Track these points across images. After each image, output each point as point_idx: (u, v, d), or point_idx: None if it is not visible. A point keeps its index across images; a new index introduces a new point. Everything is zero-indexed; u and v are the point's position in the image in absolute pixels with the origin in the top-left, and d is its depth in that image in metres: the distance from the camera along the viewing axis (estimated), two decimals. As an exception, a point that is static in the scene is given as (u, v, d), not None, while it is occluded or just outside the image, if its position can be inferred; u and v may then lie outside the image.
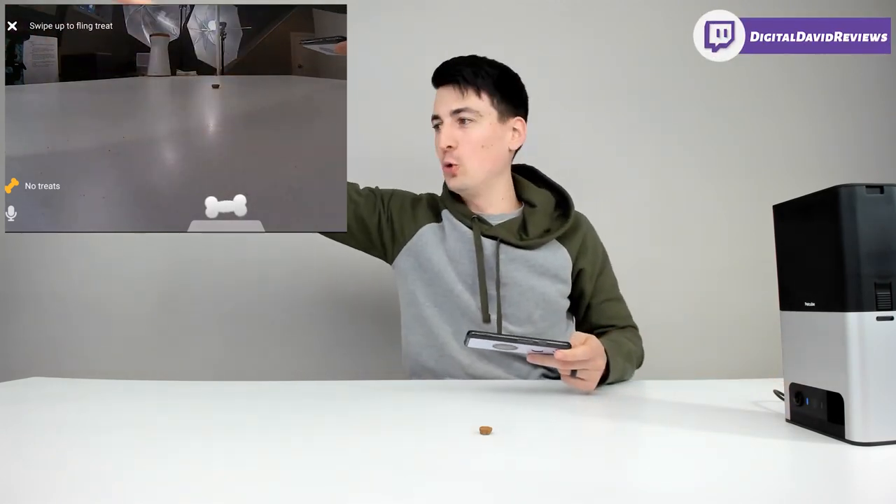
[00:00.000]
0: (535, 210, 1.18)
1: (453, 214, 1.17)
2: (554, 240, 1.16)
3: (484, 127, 1.12)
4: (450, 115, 1.12)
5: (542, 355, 0.89)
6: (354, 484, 0.52)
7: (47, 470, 0.57)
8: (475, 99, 1.11)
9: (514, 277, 1.12)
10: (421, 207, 1.22)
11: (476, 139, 1.12)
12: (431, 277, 1.15)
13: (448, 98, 1.12)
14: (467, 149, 1.12)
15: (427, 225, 1.19)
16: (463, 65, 1.13)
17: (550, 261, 1.14)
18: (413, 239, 1.18)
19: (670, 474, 0.55)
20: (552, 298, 1.14)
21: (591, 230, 1.23)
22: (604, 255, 1.23)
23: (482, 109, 1.12)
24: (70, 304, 1.67)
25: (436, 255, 1.15)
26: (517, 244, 1.13)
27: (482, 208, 1.19)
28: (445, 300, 1.14)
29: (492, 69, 1.14)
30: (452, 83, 1.12)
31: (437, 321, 1.15)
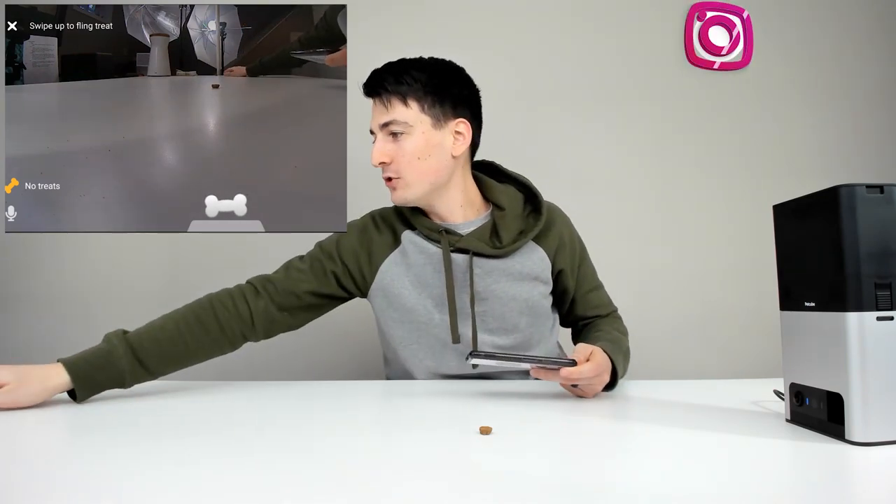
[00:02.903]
0: (504, 213, 1.09)
1: (420, 231, 1.08)
2: (530, 241, 1.09)
3: (416, 137, 1.02)
4: (380, 130, 1.03)
5: (545, 370, 0.86)
6: (354, 484, 0.52)
7: (47, 470, 0.57)
8: (402, 109, 1.02)
9: (493, 290, 1.07)
10: (373, 240, 1.11)
11: (410, 151, 1.02)
12: (403, 315, 1.09)
13: (375, 112, 1.04)
14: (403, 162, 1.03)
15: (386, 260, 1.10)
16: (386, 73, 1.03)
17: (528, 265, 1.08)
18: (377, 278, 1.10)
19: (670, 474, 0.55)
20: (536, 302, 1.09)
21: (565, 223, 1.16)
22: (581, 247, 1.17)
23: (411, 119, 1.02)
24: (70, 304, 1.67)
25: (405, 290, 1.08)
26: (491, 254, 1.06)
27: (445, 218, 1.09)
28: (422, 334, 1.08)
29: (419, 73, 1.03)
30: (376, 95, 1.03)
31: (415, 361, 1.10)
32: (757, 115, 1.78)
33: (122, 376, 0.91)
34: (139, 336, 0.95)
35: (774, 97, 1.78)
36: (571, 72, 1.76)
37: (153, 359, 0.94)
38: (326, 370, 1.68)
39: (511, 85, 1.74)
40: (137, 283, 1.68)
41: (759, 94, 1.78)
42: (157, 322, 0.99)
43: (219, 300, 1.03)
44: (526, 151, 1.72)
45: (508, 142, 1.69)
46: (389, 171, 1.04)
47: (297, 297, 1.07)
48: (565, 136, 1.75)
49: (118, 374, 0.91)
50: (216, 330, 1.01)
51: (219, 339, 1.01)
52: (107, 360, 0.91)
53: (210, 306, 1.02)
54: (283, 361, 1.64)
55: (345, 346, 1.69)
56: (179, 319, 0.99)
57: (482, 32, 1.74)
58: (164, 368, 0.97)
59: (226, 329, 1.02)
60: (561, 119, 1.75)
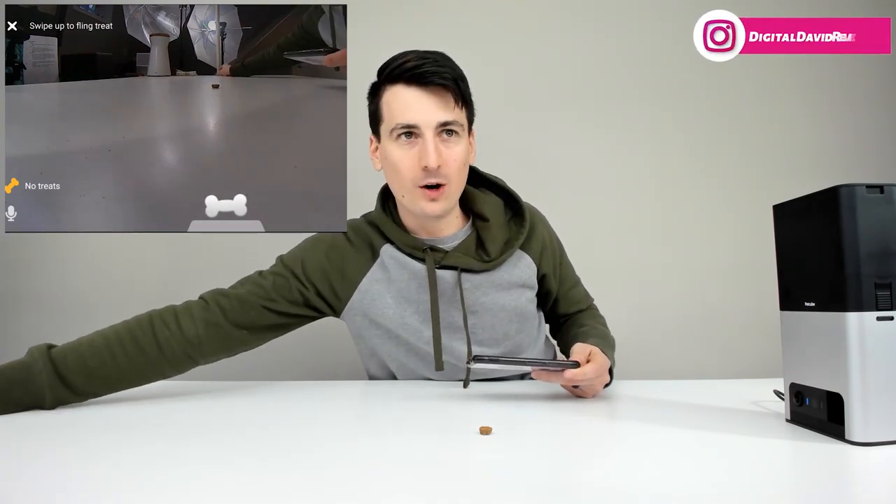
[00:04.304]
0: (488, 224, 1.03)
1: (400, 248, 1.02)
2: (517, 249, 1.05)
3: (464, 142, 0.96)
4: (433, 128, 0.92)
5: (547, 372, 0.86)
6: (354, 484, 0.52)
7: (46, 469, 0.57)
8: (457, 109, 0.94)
9: (483, 303, 1.02)
10: (346, 256, 1.03)
11: (461, 157, 0.95)
12: (388, 333, 1.03)
13: (431, 105, 0.92)
14: (454, 168, 0.94)
15: (365, 277, 1.02)
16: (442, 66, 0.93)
17: (516, 273, 1.05)
18: (355, 297, 1.02)
19: (670, 474, 0.55)
20: (524, 308, 1.06)
21: (544, 224, 1.12)
22: (559, 246, 1.14)
23: (462, 121, 0.96)
24: (70, 304, 1.67)
25: (388, 309, 1.01)
26: (479, 269, 1.01)
27: (434, 232, 1.03)
28: (410, 349, 1.04)
29: (461, 72, 0.96)
30: (438, 86, 0.92)
31: (406, 373, 1.07)
32: (757, 115, 1.78)
33: (42, 393, 0.81)
34: (63, 351, 0.85)
35: (774, 97, 1.78)
36: (570, 72, 1.76)
37: (79, 378, 0.83)
38: (326, 370, 1.68)
39: (511, 85, 1.74)
40: (137, 283, 1.68)
41: (760, 93, 1.78)
42: (87, 337, 0.89)
43: (160, 317, 0.92)
44: (525, 151, 1.72)
45: (508, 142, 1.69)
46: (440, 177, 0.94)
47: (257, 313, 0.97)
48: (565, 137, 1.75)
49: (37, 390, 0.81)
50: (154, 350, 0.89)
51: (157, 361, 0.90)
52: (26, 374, 0.81)
53: (150, 324, 0.91)
54: (282, 362, 1.64)
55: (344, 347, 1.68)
56: (111, 336, 0.89)
57: (483, 32, 1.74)
58: (93, 389, 0.86)
59: (165, 350, 0.90)
60: (560, 119, 1.75)
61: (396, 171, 0.97)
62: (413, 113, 0.93)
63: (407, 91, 0.93)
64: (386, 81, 0.96)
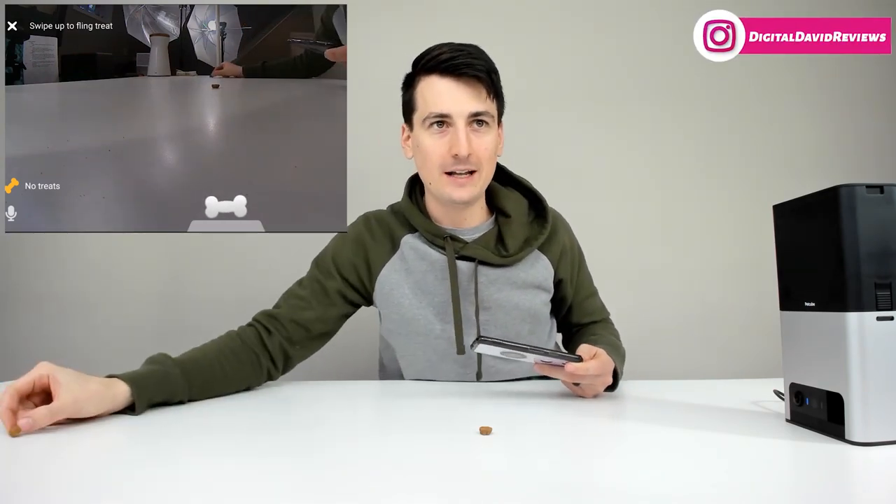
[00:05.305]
0: (510, 220, 1.06)
1: (423, 236, 1.04)
2: (535, 249, 1.07)
3: (494, 132, 1.01)
4: (465, 118, 0.96)
5: (549, 366, 0.85)
6: (354, 484, 0.52)
7: (46, 469, 0.57)
8: (488, 100, 0.98)
9: (497, 300, 1.04)
10: (369, 248, 1.07)
11: (491, 146, 0.99)
12: (400, 326, 1.06)
13: (464, 96, 0.96)
14: (484, 156, 0.98)
15: (384, 267, 1.06)
16: (476, 58, 0.96)
17: (532, 273, 1.06)
18: (377, 287, 1.06)
19: (670, 474, 0.55)
20: (538, 310, 1.07)
21: (567, 230, 1.14)
22: (580, 254, 1.16)
23: (493, 112, 1.00)
24: (70, 304, 1.67)
25: (404, 299, 1.04)
26: (497, 263, 1.03)
27: (458, 222, 1.05)
28: (420, 346, 1.05)
29: (493, 64, 1.00)
30: (471, 77, 0.95)
31: (412, 371, 1.09)
32: (757, 115, 1.78)
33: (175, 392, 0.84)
34: (183, 360, 0.89)
35: (774, 97, 1.78)
36: (570, 72, 1.76)
37: (198, 382, 0.88)
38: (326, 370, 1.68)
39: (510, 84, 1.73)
40: (137, 283, 1.68)
41: (760, 93, 1.78)
42: (197, 350, 0.93)
43: (245, 336, 0.98)
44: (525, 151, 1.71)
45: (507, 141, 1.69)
46: (470, 164, 0.97)
47: (305, 328, 1.02)
48: (565, 136, 1.75)
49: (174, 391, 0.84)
50: (250, 362, 0.96)
51: (253, 371, 0.97)
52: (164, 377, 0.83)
53: (240, 340, 0.97)
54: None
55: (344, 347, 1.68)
56: (215, 349, 0.94)
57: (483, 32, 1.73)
58: (202, 394, 0.90)
59: (262, 361, 0.98)
60: (560, 119, 1.75)
61: (427, 158, 0.99)
62: (446, 103, 0.96)
63: (441, 81, 0.97)
64: (421, 72, 0.99)
